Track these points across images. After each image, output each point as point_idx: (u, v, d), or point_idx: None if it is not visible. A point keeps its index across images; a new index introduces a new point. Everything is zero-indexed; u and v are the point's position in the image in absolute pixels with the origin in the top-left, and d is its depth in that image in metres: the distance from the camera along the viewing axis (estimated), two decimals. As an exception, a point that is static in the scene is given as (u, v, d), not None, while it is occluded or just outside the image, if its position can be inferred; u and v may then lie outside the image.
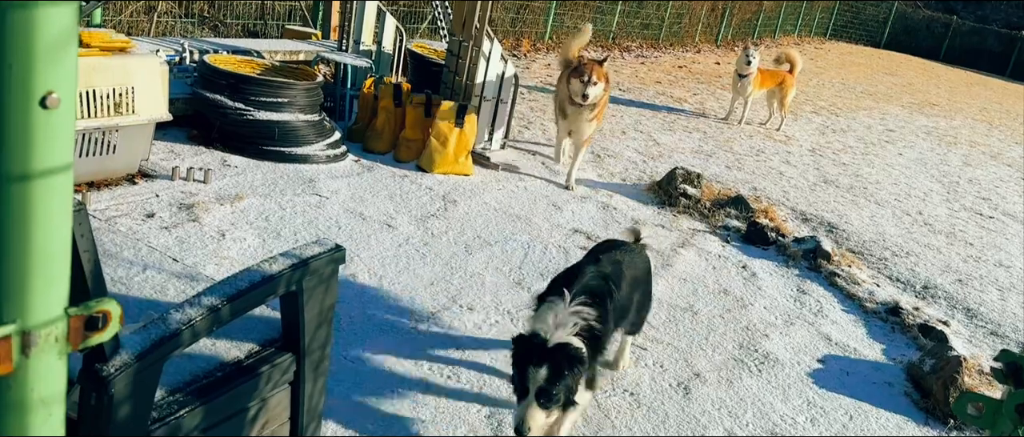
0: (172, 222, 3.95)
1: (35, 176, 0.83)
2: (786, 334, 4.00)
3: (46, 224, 0.86)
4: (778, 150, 8.09)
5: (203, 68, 5.09)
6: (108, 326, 0.98)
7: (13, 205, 0.83)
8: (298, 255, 1.94)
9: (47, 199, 0.85)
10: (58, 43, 0.81)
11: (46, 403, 0.93)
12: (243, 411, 1.95)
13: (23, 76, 0.80)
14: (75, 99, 0.85)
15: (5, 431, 0.91)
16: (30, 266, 0.86)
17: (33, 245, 0.86)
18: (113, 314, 0.98)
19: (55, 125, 0.83)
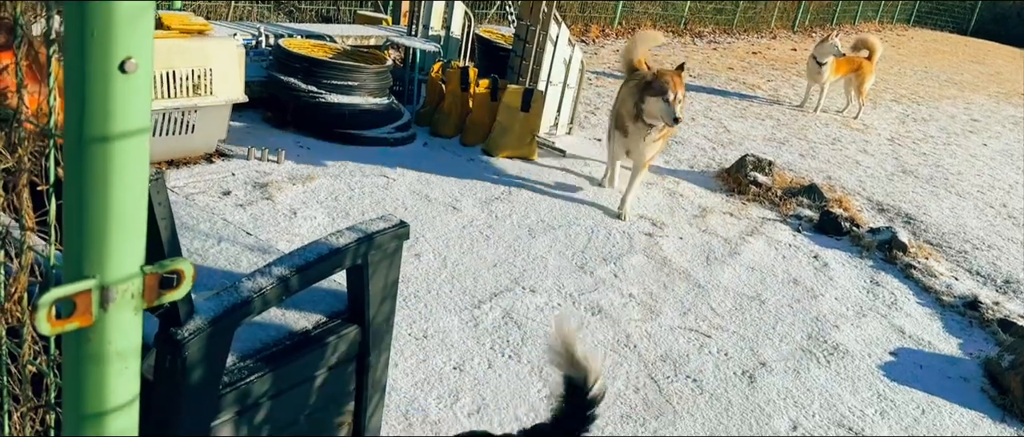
0: (247, 200, 4.07)
1: (115, 138, 0.87)
2: (858, 326, 3.89)
3: (124, 185, 0.90)
4: (855, 138, 7.84)
5: (278, 51, 5.22)
6: (181, 285, 1.02)
7: (94, 166, 0.88)
8: (364, 230, 1.99)
9: (125, 161, 0.89)
10: (135, 11, 0.84)
11: (123, 356, 0.98)
12: (310, 379, 2.01)
13: (103, 42, 0.84)
14: (151, 65, 0.89)
15: (85, 380, 0.97)
16: (109, 225, 0.91)
17: (112, 204, 0.90)
18: (186, 273, 1.02)
19: (133, 89, 0.87)
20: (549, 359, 2.01)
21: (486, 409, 2.78)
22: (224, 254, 2.25)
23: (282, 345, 1.93)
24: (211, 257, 2.23)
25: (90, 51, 0.84)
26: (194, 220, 2.40)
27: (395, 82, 6.08)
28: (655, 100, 4.31)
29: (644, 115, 4.41)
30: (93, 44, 0.84)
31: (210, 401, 1.72)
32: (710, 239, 4.68)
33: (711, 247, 4.57)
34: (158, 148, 4.25)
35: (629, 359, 3.26)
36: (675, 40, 12.70)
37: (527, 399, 2.87)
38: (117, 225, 0.92)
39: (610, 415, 2.86)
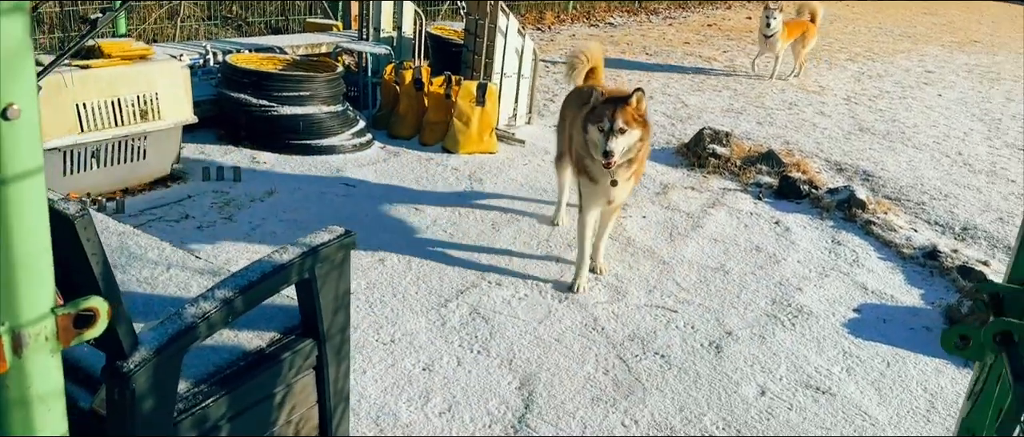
0: (205, 221, 4.05)
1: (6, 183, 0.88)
2: (820, 286, 3.95)
3: (22, 229, 0.90)
4: (811, 101, 7.93)
5: (226, 68, 5.18)
6: (97, 323, 1.02)
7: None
8: (308, 243, 1.99)
9: (20, 205, 0.89)
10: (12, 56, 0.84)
11: (44, 399, 0.99)
12: (269, 397, 2.01)
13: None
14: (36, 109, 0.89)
15: (8, 427, 0.97)
16: (12, 270, 0.91)
17: (12, 249, 0.90)
18: (101, 310, 1.02)
19: (19, 135, 0.87)
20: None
21: (457, 407, 2.80)
22: (174, 280, 2.25)
23: (237, 366, 1.94)
24: (161, 284, 2.22)
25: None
26: (141, 249, 2.39)
27: (349, 88, 6.06)
28: (593, 129, 3.45)
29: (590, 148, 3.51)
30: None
31: (165, 430, 1.72)
32: (673, 215, 4.72)
33: (674, 223, 4.61)
34: (111, 177, 4.21)
35: (598, 342, 3.29)
36: (631, 19, 12.74)
37: (498, 393, 2.90)
38: (21, 269, 0.92)
39: (580, 399, 2.89)
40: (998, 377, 1.37)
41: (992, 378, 1.39)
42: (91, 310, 1.01)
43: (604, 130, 3.39)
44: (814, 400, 3.03)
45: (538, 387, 2.94)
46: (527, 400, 2.86)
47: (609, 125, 3.37)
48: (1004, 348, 1.21)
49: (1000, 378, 1.36)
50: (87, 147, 4.04)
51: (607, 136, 3.37)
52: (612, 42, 10.43)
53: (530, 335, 3.29)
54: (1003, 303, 1.35)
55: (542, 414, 2.79)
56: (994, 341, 1.23)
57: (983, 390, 1.41)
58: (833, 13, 15.57)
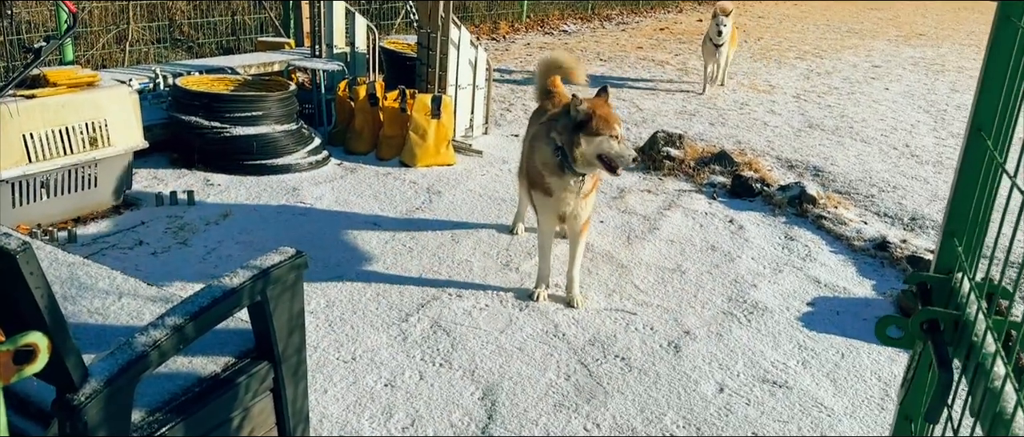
0: (160, 247, 4.01)
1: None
2: (775, 282, 4.03)
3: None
4: (762, 100, 8.08)
5: (176, 91, 5.14)
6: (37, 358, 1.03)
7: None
8: (259, 266, 2.00)
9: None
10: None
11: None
12: (226, 422, 2.01)
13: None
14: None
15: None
16: (-54, 311, 0.91)
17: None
18: (41, 345, 1.03)
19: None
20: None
21: (420, 421, 2.81)
22: (126, 309, 2.23)
23: (192, 392, 1.93)
24: (113, 314, 2.21)
25: None
26: (93, 279, 2.37)
27: (304, 105, 6.04)
28: (588, 141, 3.32)
29: (577, 163, 3.40)
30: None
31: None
32: (630, 218, 4.79)
33: (631, 226, 4.67)
34: (62, 207, 4.15)
35: (559, 348, 3.32)
36: (584, 25, 12.85)
37: (461, 404, 2.91)
38: (-44, 310, 0.92)
39: (543, 406, 2.92)
40: (928, 364, 1.43)
41: (923, 365, 1.45)
42: (31, 345, 1.02)
43: (617, 136, 3.35)
44: (771, 394, 3.09)
45: (501, 396, 2.96)
46: (490, 410, 2.88)
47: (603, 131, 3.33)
48: (930, 336, 1.27)
49: (930, 365, 1.41)
50: (36, 177, 3.98)
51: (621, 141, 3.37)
52: (567, 49, 10.51)
53: (492, 345, 3.31)
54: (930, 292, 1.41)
55: (505, 423, 2.81)
56: (922, 329, 1.29)
57: (915, 377, 1.47)
58: (782, 13, 15.88)
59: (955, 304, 1.36)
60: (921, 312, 1.30)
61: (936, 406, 1.20)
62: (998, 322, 1.17)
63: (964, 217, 1.41)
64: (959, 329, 1.29)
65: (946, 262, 1.48)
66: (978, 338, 1.18)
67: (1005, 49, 1.30)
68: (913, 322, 1.30)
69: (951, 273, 1.44)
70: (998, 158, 1.28)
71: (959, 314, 1.30)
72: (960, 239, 1.42)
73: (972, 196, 1.39)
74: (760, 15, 15.23)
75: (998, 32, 1.31)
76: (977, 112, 1.36)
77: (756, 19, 14.64)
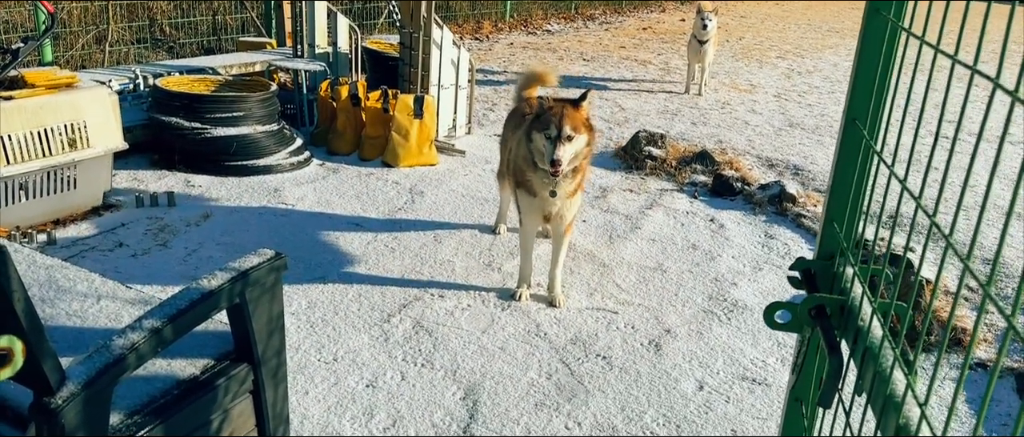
0: (140, 248, 3.99)
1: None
2: (754, 280, 4.07)
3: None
4: (743, 100, 8.13)
5: (156, 92, 5.11)
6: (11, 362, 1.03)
7: None
8: (237, 268, 2.00)
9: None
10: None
11: (-41, 441, 0.99)
12: (206, 424, 2.01)
13: None
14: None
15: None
16: (-82, 316, 0.91)
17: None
18: (15, 350, 1.03)
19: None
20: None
21: (402, 422, 2.81)
22: (104, 312, 2.22)
23: (170, 395, 1.93)
24: (91, 317, 2.20)
25: None
26: (71, 281, 2.36)
27: (286, 105, 6.03)
28: (539, 136, 3.36)
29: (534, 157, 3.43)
30: None
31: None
32: (612, 218, 4.81)
33: (613, 225, 4.69)
34: (41, 209, 4.12)
35: (541, 348, 3.34)
36: (568, 25, 12.89)
37: (442, 405, 2.92)
38: (-72, 315, 0.92)
39: (524, 405, 2.93)
40: (817, 348, 1.46)
41: (812, 350, 1.48)
42: (4, 350, 1.02)
43: (552, 137, 3.28)
44: (750, 391, 3.12)
45: (482, 396, 2.98)
46: (471, 410, 2.89)
47: (556, 132, 3.27)
48: (818, 322, 1.30)
49: (818, 349, 1.45)
50: (14, 180, 3.95)
51: (555, 143, 3.27)
52: (550, 49, 10.54)
53: (474, 345, 3.32)
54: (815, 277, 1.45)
55: (486, 423, 2.83)
56: (809, 315, 1.32)
57: (805, 361, 1.50)
58: (764, 12, 15.99)
59: (840, 289, 1.40)
60: (808, 298, 1.33)
61: (828, 390, 1.22)
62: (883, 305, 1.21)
63: (843, 203, 1.46)
64: (845, 314, 1.32)
65: (828, 247, 1.52)
66: (864, 322, 1.21)
67: (875, 41, 1.34)
68: (801, 308, 1.34)
69: (833, 258, 1.48)
70: (873, 145, 1.32)
71: (844, 299, 1.33)
72: (840, 225, 1.46)
73: (850, 182, 1.43)
74: (742, 14, 15.33)
75: (868, 25, 1.35)
76: (851, 103, 1.40)
77: (738, 18, 14.74)
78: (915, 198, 1.04)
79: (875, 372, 1.08)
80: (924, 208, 1.01)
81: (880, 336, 1.13)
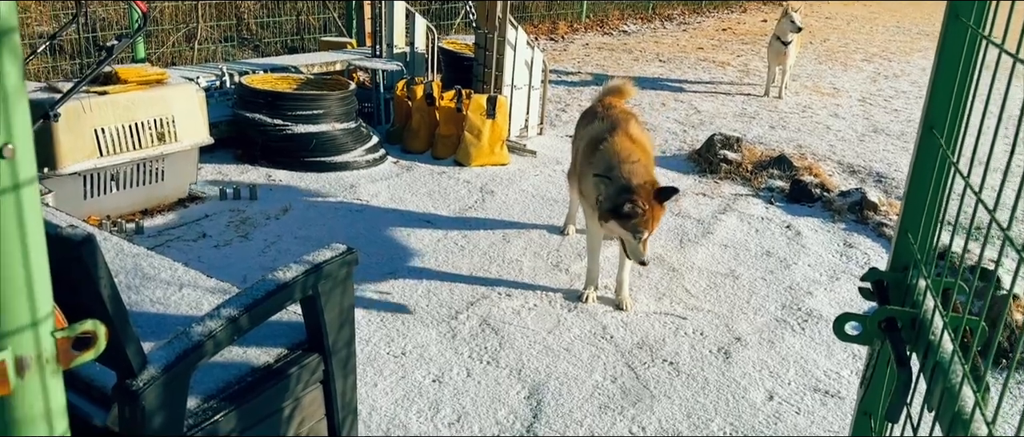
0: (222, 240, 4.15)
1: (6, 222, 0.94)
2: (831, 290, 3.95)
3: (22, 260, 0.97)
4: (825, 104, 7.90)
5: (241, 89, 5.29)
6: (95, 345, 1.09)
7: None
8: (311, 261, 2.06)
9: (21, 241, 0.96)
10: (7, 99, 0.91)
11: (47, 418, 1.05)
12: (277, 412, 2.08)
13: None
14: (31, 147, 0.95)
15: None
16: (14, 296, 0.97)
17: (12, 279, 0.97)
18: (99, 334, 1.09)
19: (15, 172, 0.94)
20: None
21: (466, 418, 2.84)
22: (185, 300, 2.32)
23: (245, 382, 2.00)
24: (173, 304, 2.30)
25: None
26: (156, 270, 2.47)
27: (363, 104, 6.16)
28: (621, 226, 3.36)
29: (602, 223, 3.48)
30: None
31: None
32: (683, 222, 4.75)
33: (685, 229, 4.63)
34: (130, 199, 4.32)
35: (606, 350, 3.32)
36: (644, 26, 12.76)
37: (507, 403, 2.94)
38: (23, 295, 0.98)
39: (588, 407, 2.93)
40: (887, 361, 1.41)
41: (882, 363, 1.42)
42: (89, 333, 1.08)
43: (639, 237, 3.35)
44: (822, 403, 3.04)
45: (547, 396, 2.98)
46: (535, 409, 2.90)
47: (645, 234, 3.35)
48: (888, 334, 1.26)
49: (888, 362, 1.40)
50: (106, 171, 4.15)
51: (640, 241, 3.36)
52: (626, 50, 10.46)
53: (539, 345, 3.33)
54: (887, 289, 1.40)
55: (550, 423, 2.83)
56: (880, 328, 1.28)
57: (875, 374, 1.45)
58: (850, 14, 15.49)
59: (912, 301, 1.35)
60: (879, 311, 1.29)
61: (896, 404, 1.18)
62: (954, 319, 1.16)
63: (918, 215, 1.40)
64: (916, 327, 1.27)
65: (902, 259, 1.46)
66: (935, 337, 1.16)
67: (955, 48, 1.29)
68: (871, 320, 1.29)
69: (907, 270, 1.43)
70: (950, 156, 1.27)
71: (916, 312, 1.28)
72: (915, 236, 1.41)
73: (926, 192, 1.38)
74: (827, 16, 14.89)
75: (948, 31, 1.30)
76: (929, 111, 1.35)
77: (823, 20, 14.32)
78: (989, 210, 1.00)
79: (944, 388, 1.04)
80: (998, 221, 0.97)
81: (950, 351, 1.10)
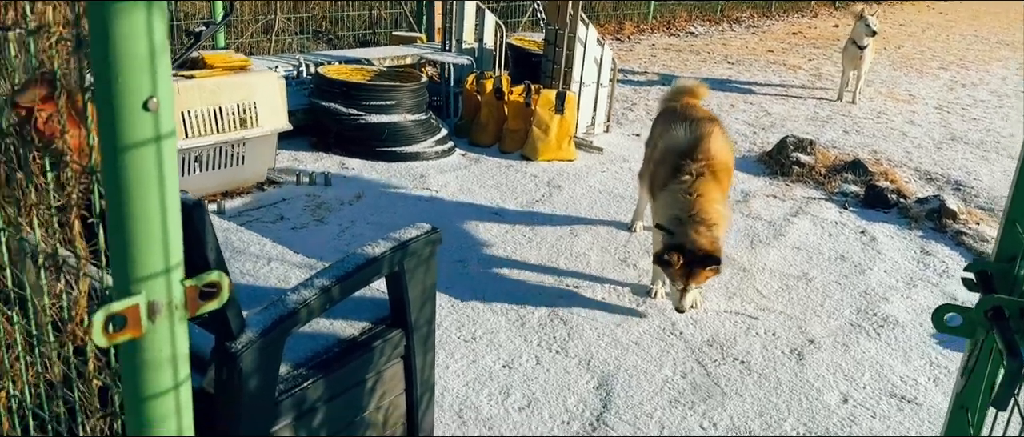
0: (299, 222, 4.25)
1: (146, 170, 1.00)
2: (908, 297, 3.85)
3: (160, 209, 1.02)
4: (901, 110, 7.70)
5: (317, 79, 5.42)
6: (219, 294, 1.14)
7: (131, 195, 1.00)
8: (398, 238, 2.11)
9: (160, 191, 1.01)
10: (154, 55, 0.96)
11: (173, 361, 1.10)
12: (360, 383, 2.13)
13: (128, 87, 0.96)
14: (172, 102, 1.01)
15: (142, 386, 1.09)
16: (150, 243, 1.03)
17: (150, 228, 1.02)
18: (223, 284, 1.14)
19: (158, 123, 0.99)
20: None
21: (536, 403, 2.86)
22: (274, 273, 2.40)
23: (332, 352, 2.06)
24: (262, 276, 2.38)
25: (118, 92, 0.96)
26: (244, 244, 2.56)
27: (433, 97, 6.23)
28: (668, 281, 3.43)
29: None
30: (120, 86, 0.96)
31: (267, 408, 1.85)
32: (754, 223, 4.69)
33: (755, 231, 4.57)
34: (212, 181, 4.46)
35: (676, 346, 3.31)
36: (712, 28, 12.62)
37: (576, 391, 2.95)
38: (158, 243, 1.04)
39: (658, 401, 2.92)
40: (990, 352, 1.38)
41: (983, 354, 1.39)
42: (214, 284, 1.13)
43: (679, 288, 3.32)
44: (899, 409, 2.97)
45: (616, 387, 2.98)
46: (605, 399, 2.91)
47: (683, 285, 3.29)
48: (995, 323, 1.23)
49: (991, 353, 1.37)
50: (191, 152, 4.30)
51: (682, 294, 3.32)
52: (693, 51, 10.36)
53: (608, 337, 3.33)
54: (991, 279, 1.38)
55: (620, 413, 2.83)
56: (985, 317, 1.25)
57: (975, 366, 1.42)
58: (925, 21, 15.06)
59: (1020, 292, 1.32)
60: (985, 299, 1.26)
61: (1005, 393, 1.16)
62: None
63: None
64: None
65: (1009, 249, 1.43)
66: None
67: None
68: (977, 309, 1.27)
69: (1014, 260, 1.40)
70: None
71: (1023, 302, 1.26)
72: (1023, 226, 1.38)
73: None
74: (901, 23, 14.50)
75: None
76: None
77: (897, 27, 13.95)
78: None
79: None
80: None
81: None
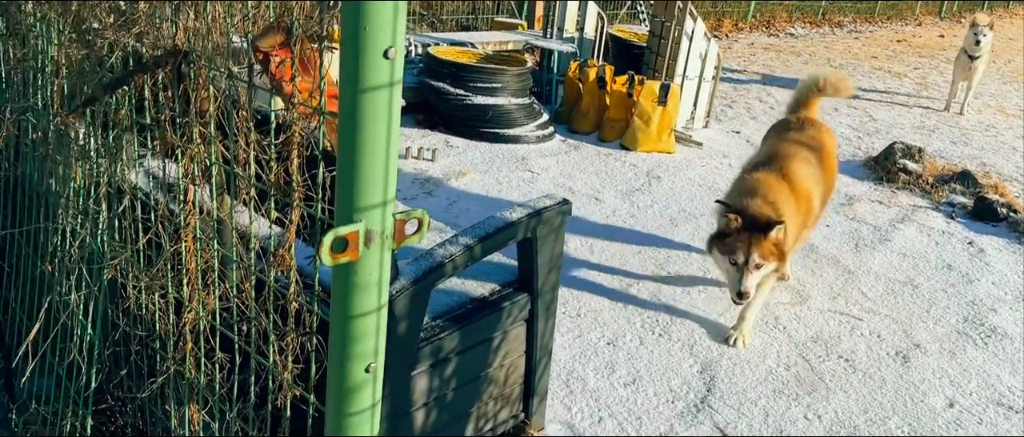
0: (410, 195, 4.42)
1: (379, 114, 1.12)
2: (1017, 310, 3.77)
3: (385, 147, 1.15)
4: (1011, 125, 7.42)
5: (428, 59, 5.59)
6: (420, 230, 1.26)
7: (369, 139, 1.12)
8: (533, 205, 2.21)
9: (387, 130, 1.14)
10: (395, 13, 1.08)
11: (379, 285, 1.23)
12: (488, 340, 2.25)
13: (373, 37, 1.08)
14: (403, 53, 1.13)
15: (354, 303, 1.22)
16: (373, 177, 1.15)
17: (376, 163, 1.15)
18: (424, 221, 1.26)
19: (393, 73, 1.11)
20: None
21: (641, 380, 2.94)
22: (407, 233, 2.53)
23: (465, 308, 2.18)
24: (396, 236, 2.52)
25: (365, 43, 1.08)
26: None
27: (534, 83, 6.34)
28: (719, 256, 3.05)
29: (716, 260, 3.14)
30: (366, 37, 1.08)
31: (411, 354, 1.99)
32: (858, 226, 4.64)
33: (860, 234, 4.52)
34: (327, 150, 4.67)
35: (779, 339, 3.33)
36: (813, 31, 12.36)
37: (679, 373, 3.01)
38: (379, 179, 1.16)
39: (762, 390, 2.96)
40: None
41: None
42: (418, 219, 1.25)
43: (738, 264, 2.95)
44: (1006, 418, 2.93)
45: (719, 373, 3.03)
46: (709, 384, 2.96)
47: (743, 259, 2.93)
48: None
49: None
50: (310, 121, 4.51)
51: (742, 272, 2.94)
52: (793, 53, 10.19)
53: (710, 325, 3.38)
54: None
55: (724, 398, 2.89)
56: None
57: None
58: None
59: None
60: None
61: None
62: None
63: None
64: None
65: None
66: None
67: None
68: None
69: None
70: None
71: None
72: None
73: None
74: (1010, 37, 13.88)
75: None
76: None
77: (1006, 41, 13.36)
78: None
79: None
80: None
81: None
